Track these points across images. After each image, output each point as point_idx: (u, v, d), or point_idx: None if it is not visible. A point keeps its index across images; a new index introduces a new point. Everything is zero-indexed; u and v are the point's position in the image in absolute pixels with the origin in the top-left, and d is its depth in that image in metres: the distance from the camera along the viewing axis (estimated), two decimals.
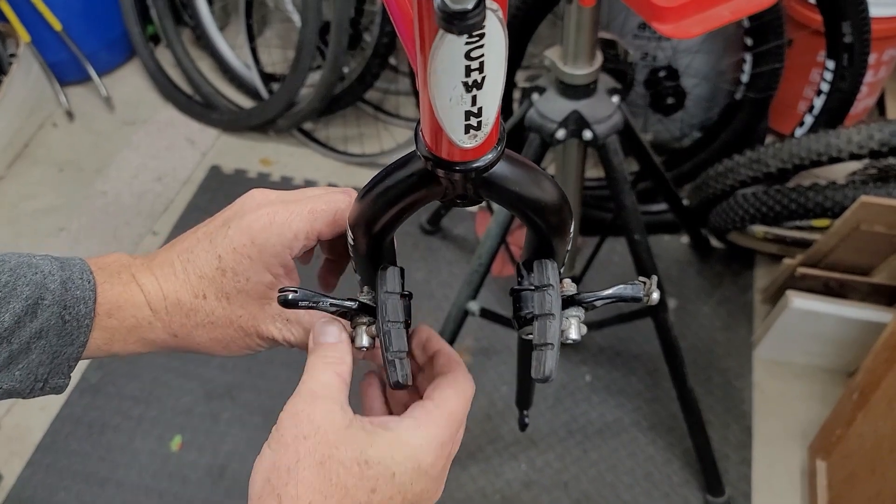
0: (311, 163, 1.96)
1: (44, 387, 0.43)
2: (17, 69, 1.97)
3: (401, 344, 0.43)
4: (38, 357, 0.41)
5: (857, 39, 1.39)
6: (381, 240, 0.43)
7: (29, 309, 0.40)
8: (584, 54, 1.02)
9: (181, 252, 0.45)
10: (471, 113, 0.32)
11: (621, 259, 1.67)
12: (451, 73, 0.30)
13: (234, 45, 2.14)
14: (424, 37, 0.29)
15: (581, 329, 0.44)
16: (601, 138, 1.07)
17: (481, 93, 0.31)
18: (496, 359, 1.54)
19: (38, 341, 0.41)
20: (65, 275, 0.42)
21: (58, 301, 0.41)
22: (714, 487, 1.32)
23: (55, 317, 0.41)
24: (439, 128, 0.33)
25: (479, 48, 0.29)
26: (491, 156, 0.36)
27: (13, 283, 0.40)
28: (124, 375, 1.54)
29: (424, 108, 0.33)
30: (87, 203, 1.89)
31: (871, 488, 1.09)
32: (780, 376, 1.49)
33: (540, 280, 0.43)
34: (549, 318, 0.42)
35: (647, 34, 1.60)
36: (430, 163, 0.36)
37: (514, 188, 0.38)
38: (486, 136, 0.34)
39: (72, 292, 0.42)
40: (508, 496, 1.36)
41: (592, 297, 0.44)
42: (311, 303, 0.43)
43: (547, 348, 0.41)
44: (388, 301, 0.43)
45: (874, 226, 1.26)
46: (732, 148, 1.55)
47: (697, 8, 0.86)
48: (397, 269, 0.45)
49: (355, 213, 0.43)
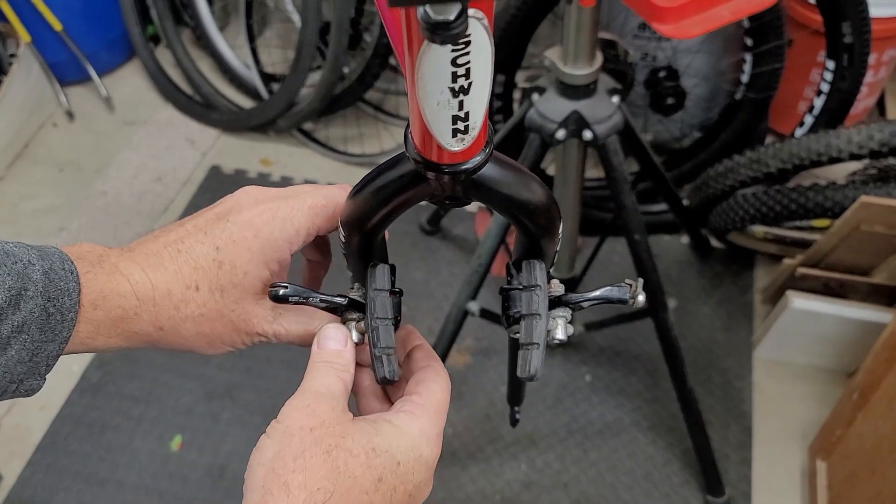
0: (311, 163, 1.96)
1: (17, 388, 0.39)
2: (18, 69, 1.97)
3: (389, 340, 0.43)
4: (17, 354, 0.38)
5: (857, 39, 1.39)
6: (372, 237, 0.44)
7: (11, 300, 0.37)
8: (585, 54, 1.02)
9: (169, 243, 0.44)
10: (458, 117, 0.33)
11: (621, 259, 1.67)
12: (438, 79, 0.31)
13: (234, 46, 2.15)
14: (412, 43, 0.30)
15: (568, 329, 0.45)
16: (601, 138, 1.07)
17: (468, 98, 0.32)
18: (496, 359, 1.54)
19: (19, 336, 0.38)
20: (45, 265, 0.39)
21: (41, 293, 0.38)
22: (714, 487, 1.32)
23: (39, 309, 0.38)
24: (427, 131, 0.34)
25: (465, 55, 0.30)
26: (479, 158, 0.36)
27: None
28: (124, 375, 1.54)
29: (413, 111, 0.34)
30: (87, 203, 1.89)
31: (871, 488, 1.09)
32: (780, 376, 1.49)
33: (528, 280, 0.44)
34: (535, 317, 0.43)
35: (647, 34, 1.60)
36: (420, 164, 0.36)
37: (502, 190, 0.39)
38: (474, 140, 0.35)
39: (55, 283, 0.39)
40: (508, 496, 1.36)
41: (579, 298, 0.45)
42: (302, 298, 0.43)
43: (533, 348, 0.42)
44: (378, 298, 0.44)
45: (874, 226, 1.26)
46: (732, 148, 1.55)
47: (697, 8, 0.86)
48: (387, 267, 0.45)
49: (347, 210, 0.43)
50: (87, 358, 1.57)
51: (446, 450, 1.41)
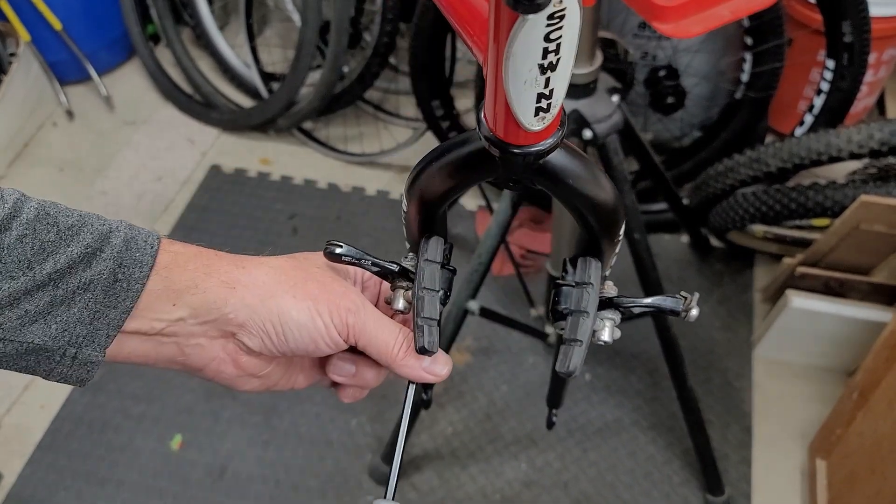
0: (311, 162, 1.96)
1: (76, 356, 0.39)
2: (17, 69, 1.97)
3: (433, 311, 0.43)
4: (78, 312, 0.38)
5: (857, 39, 1.39)
6: (432, 210, 0.44)
7: (86, 256, 0.38)
8: (584, 53, 1.01)
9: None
10: (542, 95, 0.33)
11: (621, 258, 1.66)
12: (528, 56, 0.31)
13: (234, 45, 2.14)
14: (500, 21, 0.30)
15: (615, 333, 0.45)
16: (601, 137, 1.07)
17: (554, 74, 0.32)
18: (496, 358, 1.54)
19: (84, 294, 0.38)
20: (130, 234, 0.40)
21: (115, 257, 0.39)
22: (714, 487, 1.32)
23: (108, 272, 0.39)
24: (508, 110, 0.33)
25: (559, 30, 0.30)
26: (551, 140, 0.36)
27: (78, 227, 0.39)
28: (125, 374, 1.54)
29: (492, 91, 0.34)
30: (87, 203, 1.89)
31: (871, 488, 1.09)
32: (779, 376, 1.49)
33: (581, 277, 0.44)
34: (583, 315, 0.43)
35: (647, 33, 1.60)
36: (490, 144, 0.36)
37: (568, 180, 0.39)
38: (553, 119, 0.35)
39: (131, 252, 0.40)
40: (509, 495, 1.36)
41: (630, 303, 0.45)
42: (355, 259, 0.44)
43: (575, 344, 0.42)
44: (427, 268, 0.44)
45: (874, 225, 1.26)
46: (732, 147, 1.55)
47: (697, 7, 0.86)
48: (441, 240, 0.46)
49: (411, 180, 0.43)
50: None
51: (446, 449, 1.41)
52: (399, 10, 1.73)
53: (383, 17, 1.74)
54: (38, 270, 0.37)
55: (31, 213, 0.38)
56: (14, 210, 0.37)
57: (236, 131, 2.05)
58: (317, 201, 1.86)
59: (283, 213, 1.84)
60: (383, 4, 1.71)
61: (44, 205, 0.39)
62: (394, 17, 1.73)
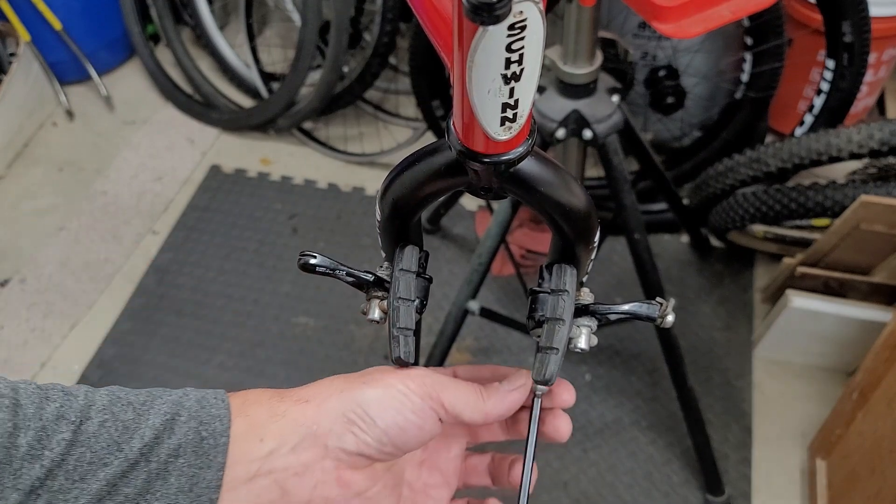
0: (311, 162, 1.96)
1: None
2: (17, 69, 1.97)
3: (408, 321, 0.43)
4: (176, 481, 0.38)
5: (858, 39, 1.39)
6: (405, 219, 0.44)
7: (167, 424, 0.39)
8: (584, 53, 1.02)
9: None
10: (508, 105, 0.32)
11: (621, 258, 1.67)
12: (490, 66, 0.30)
13: (234, 45, 2.14)
14: (463, 31, 0.30)
15: (591, 340, 0.45)
16: (601, 137, 1.07)
17: (519, 85, 0.32)
18: (496, 358, 1.54)
19: (176, 461, 0.38)
20: (199, 395, 0.41)
21: (194, 416, 0.40)
22: (714, 487, 1.32)
23: (192, 431, 0.39)
24: (474, 120, 0.33)
25: (521, 40, 0.29)
26: (520, 149, 0.36)
27: (150, 401, 0.40)
28: (125, 374, 1.54)
29: (459, 101, 0.33)
30: (87, 203, 1.89)
31: (871, 488, 1.09)
32: (779, 376, 1.50)
33: (556, 284, 0.44)
34: (558, 322, 0.43)
35: (647, 33, 1.60)
36: (461, 154, 0.36)
37: (539, 187, 0.39)
38: (521, 129, 0.34)
39: (207, 410, 0.40)
40: (509, 495, 1.36)
41: (606, 309, 0.45)
42: (329, 269, 0.44)
43: (551, 352, 0.42)
44: (402, 278, 0.44)
45: (874, 225, 1.26)
46: (732, 147, 1.55)
47: (697, 7, 0.86)
48: (416, 249, 0.45)
49: (383, 190, 0.43)
50: (87, 357, 1.57)
51: None
52: (399, 10, 1.73)
53: (383, 17, 1.74)
54: (128, 449, 0.38)
55: (104, 399, 0.39)
56: (88, 400, 0.38)
57: (236, 131, 2.05)
58: (317, 201, 1.86)
59: (283, 213, 1.84)
60: (383, 4, 1.71)
61: (112, 389, 0.40)
62: (394, 17, 1.73)
